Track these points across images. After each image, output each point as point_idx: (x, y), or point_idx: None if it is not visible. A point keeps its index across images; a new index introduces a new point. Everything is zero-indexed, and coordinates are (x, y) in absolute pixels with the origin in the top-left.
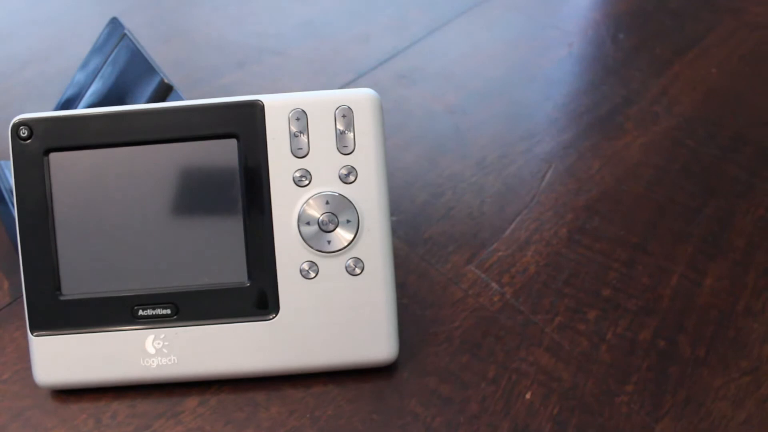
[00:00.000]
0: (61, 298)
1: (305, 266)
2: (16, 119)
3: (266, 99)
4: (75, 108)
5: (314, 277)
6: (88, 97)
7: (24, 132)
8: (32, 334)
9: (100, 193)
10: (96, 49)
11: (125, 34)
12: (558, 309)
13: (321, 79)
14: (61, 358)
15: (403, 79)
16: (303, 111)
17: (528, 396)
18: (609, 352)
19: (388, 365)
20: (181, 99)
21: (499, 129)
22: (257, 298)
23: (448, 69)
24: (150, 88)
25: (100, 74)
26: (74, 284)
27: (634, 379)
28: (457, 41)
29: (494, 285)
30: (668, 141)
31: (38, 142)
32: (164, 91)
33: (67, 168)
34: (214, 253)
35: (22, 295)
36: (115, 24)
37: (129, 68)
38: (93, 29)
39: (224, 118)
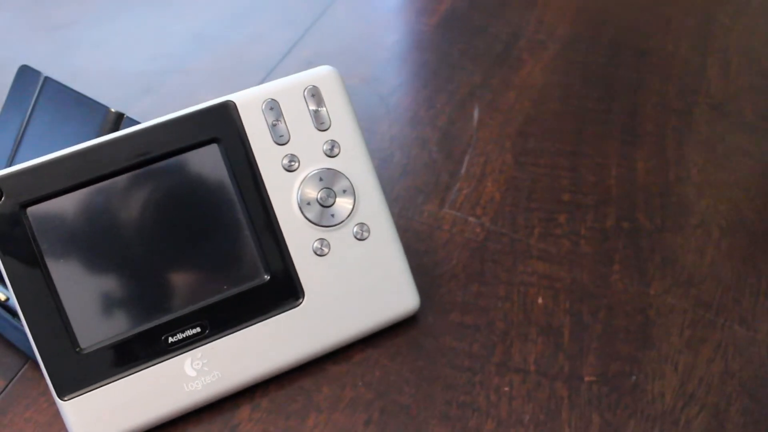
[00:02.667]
0: (82, 352)
1: (317, 245)
2: None
3: (236, 97)
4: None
5: (328, 252)
6: (24, 151)
7: None
8: (62, 399)
9: (91, 234)
10: (12, 102)
11: (47, 78)
12: (533, 222)
13: (235, 84)
14: (101, 413)
15: (311, 65)
16: (274, 100)
17: (540, 301)
18: (588, 245)
19: (413, 315)
20: (136, 123)
21: (416, 86)
22: (281, 290)
23: (349, 45)
24: (97, 121)
25: (29, 125)
26: (91, 334)
27: (617, 259)
28: (346, 18)
29: (471, 219)
30: (561, 61)
31: (12, 201)
32: (115, 121)
33: (49, 219)
34: (226, 259)
35: (17, 375)
36: (26, 71)
37: (64, 109)
38: None
39: (199, 126)
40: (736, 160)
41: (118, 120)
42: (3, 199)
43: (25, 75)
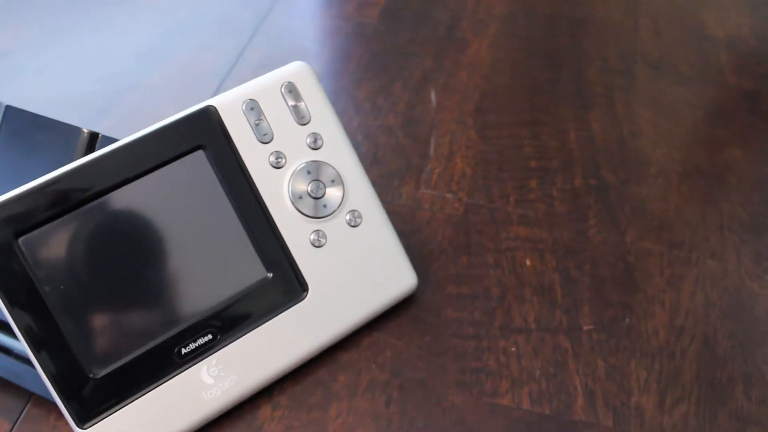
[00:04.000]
0: (96, 378)
1: (313, 237)
2: None
3: (215, 101)
4: None
5: (325, 243)
6: None
7: None
8: (83, 428)
9: (87, 256)
10: None
11: (7, 106)
12: (507, 191)
13: (191, 95)
14: None
15: (263, 67)
16: (253, 100)
17: (528, 263)
18: (562, 205)
19: (412, 294)
20: (113, 141)
21: (370, 77)
22: (284, 286)
23: (297, 45)
24: (72, 143)
25: None
26: (102, 358)
27: (591, 215)
28: (289, 20)
29: (449, 195)
30: (503, 37)
31: (3, 232)
32: (90, 141)
33: (43, 246)
34: (226, 262)
35: (21, 415)
36: None
37: (31, 137)
38: None
39: (182, 134)
40: (680, 110)
41: (93, 140)
42: None
43: None
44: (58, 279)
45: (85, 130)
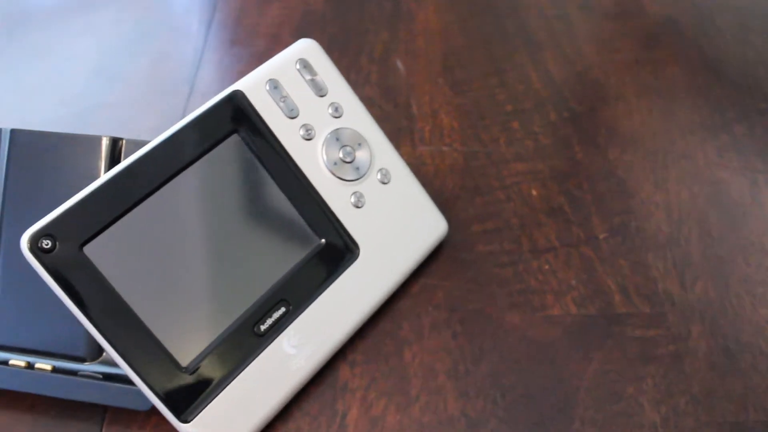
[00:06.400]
0: (187, 371)
1: (353, 199)
2: (26, 237)
3: (239, 86)
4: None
5: (364, 203)
6: (11, 212)
7: (47, 243)
8: (186, 422)
9: (150, 252)
10: None
11: (12, 130)
12: (495, 135)
13: (164, 104)
14: (224, 422)
15: (227, 67)
16: (274, 80)
17: (534, 192)
18: (546, 138)
19: (445, 238)
20: (140, 143)
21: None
22: (338, 249)
23: (252, 36)
24: (96, 151)
25: (7, 184)
26: (187, 350)
27: (574, 141)
28: (238, 14)
29: (445, 148)
30: (444, 3)
31: (68, 244)
32: (116, 147)
33: (108, 250)
34: (280, 237)
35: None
36: None
37: (48, 153)
38: None
39: (215, 122)
40: (617, 41)
41: (115, 145)
42: (59, 245)
43: None
44: (130, 279)
45: (105, 137)
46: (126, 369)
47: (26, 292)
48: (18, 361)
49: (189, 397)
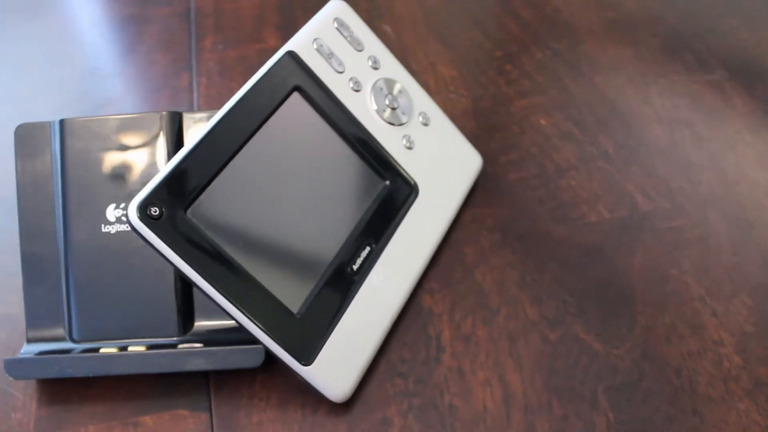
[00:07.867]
0: (300, 317)
1: (404, 141)
2: (134, 207)
3: (291, 46)
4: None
5: (414, 144)
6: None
7: (155, 210)
8: (307, 365)
9: (244, 208)
10: (26, 161)
11: (62, 120)
12: (494, 78)
13: (160, 99)
14: (339, 362)
15: (219, 65)
16: (318, 39)
17: (543, 121)
18: (539, 75)
19: (481, 171)
20: (195, 112)
21: None
22: (401, 188)
23: (236, 25)
24: (156, 125)
25: (65, 173)
26: (295, 297)
27: (563, 74)
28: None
29: (453, 96)
30: None
31: (174, 209)
32: (176, 121)
33: (207, 211)
34: (350, 183)
35: (211, 400)
36: (25, 128)
37: (104, 136)
38: None
39: (278, 82)
40: None
41: (174, 118)
42: (166, 210)
43: (24, 130)
44: (231, 235)
45: (163, 112)
46: (248, 324)
47: (100, 281)
48: (108, 348)
49: (306, 342)
